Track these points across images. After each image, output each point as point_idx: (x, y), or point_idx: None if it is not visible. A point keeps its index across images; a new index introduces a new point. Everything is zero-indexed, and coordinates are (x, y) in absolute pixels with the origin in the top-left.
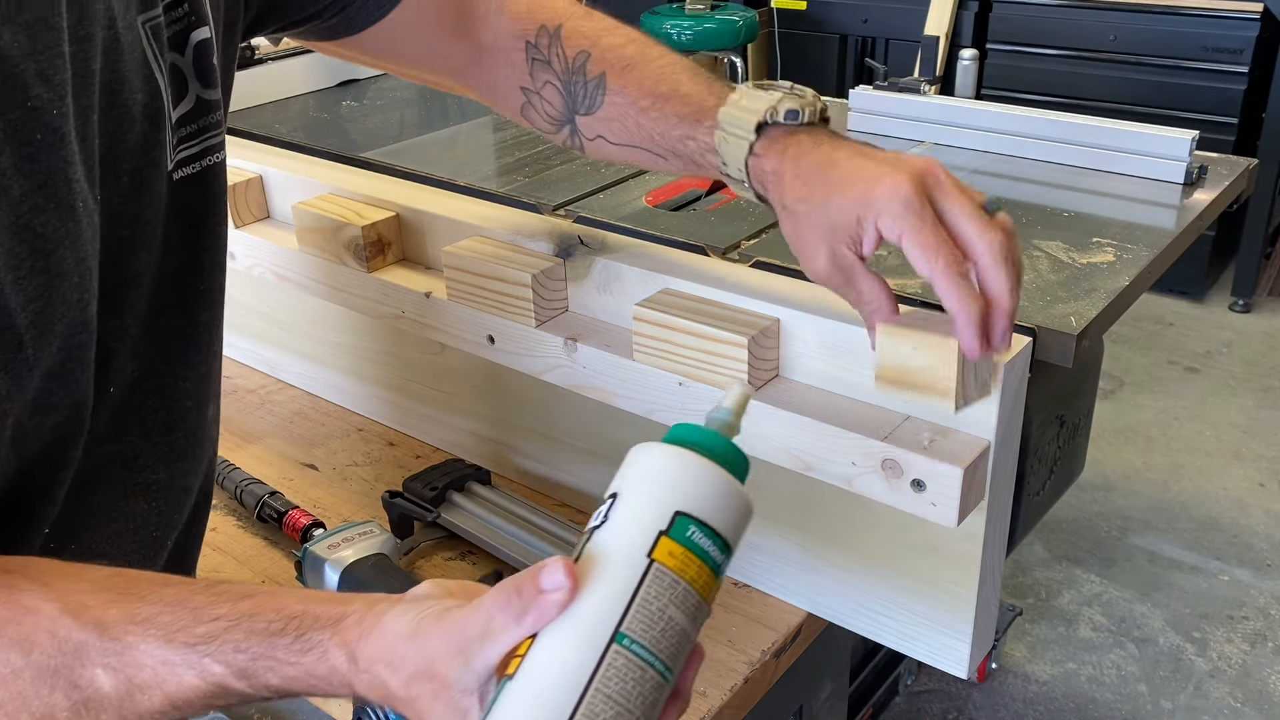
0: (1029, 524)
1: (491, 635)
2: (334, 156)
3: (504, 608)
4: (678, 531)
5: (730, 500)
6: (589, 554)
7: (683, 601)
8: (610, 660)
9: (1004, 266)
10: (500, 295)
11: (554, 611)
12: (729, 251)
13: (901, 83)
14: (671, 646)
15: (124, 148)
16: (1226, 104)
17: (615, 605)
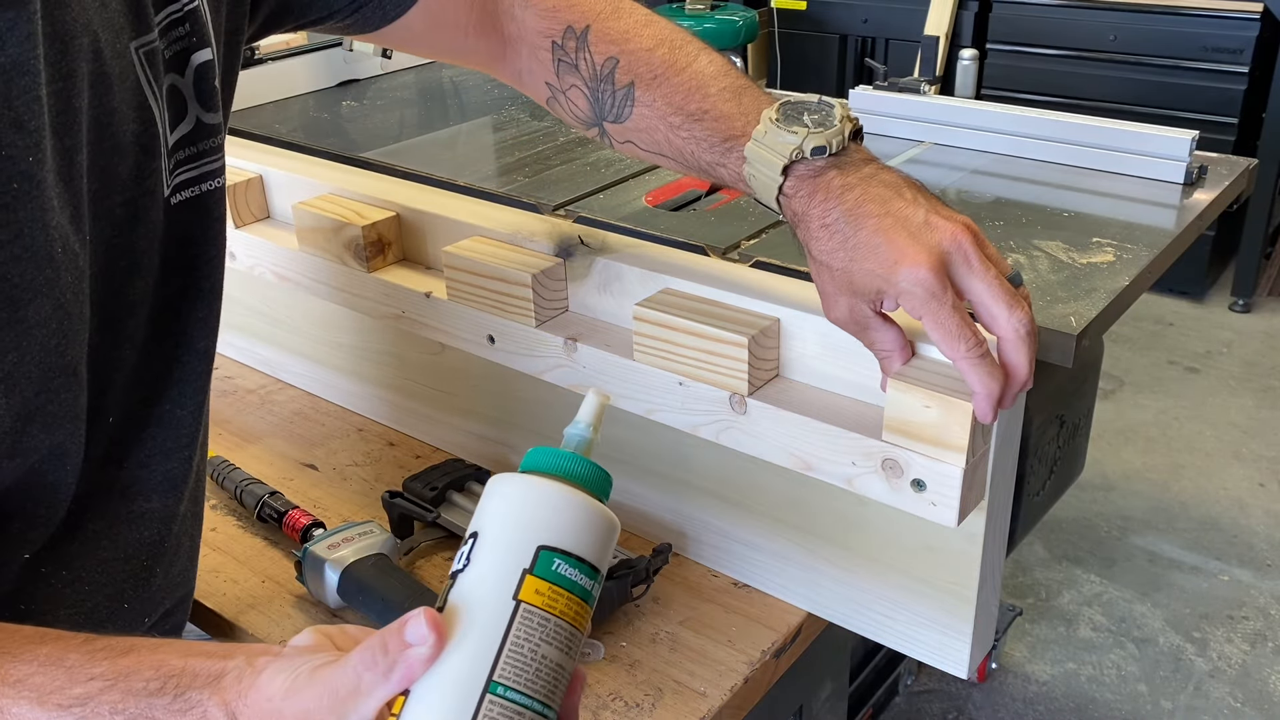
0: (1029, 524)
1: (361, 693)
2: (334, 156)
3: (370, 665)
4: (542, 567)
5: (593, 523)
6: (454, 602)
7: (554, 637)
8: (485, 712)
9: (1026, 344)
10: (500, 295)
11: (421, 667)
12: (729, 251)
13: (901, 83)
14: (548, 685)
15: (116, 180)
16: (1226, 104)
17: (485, 654)
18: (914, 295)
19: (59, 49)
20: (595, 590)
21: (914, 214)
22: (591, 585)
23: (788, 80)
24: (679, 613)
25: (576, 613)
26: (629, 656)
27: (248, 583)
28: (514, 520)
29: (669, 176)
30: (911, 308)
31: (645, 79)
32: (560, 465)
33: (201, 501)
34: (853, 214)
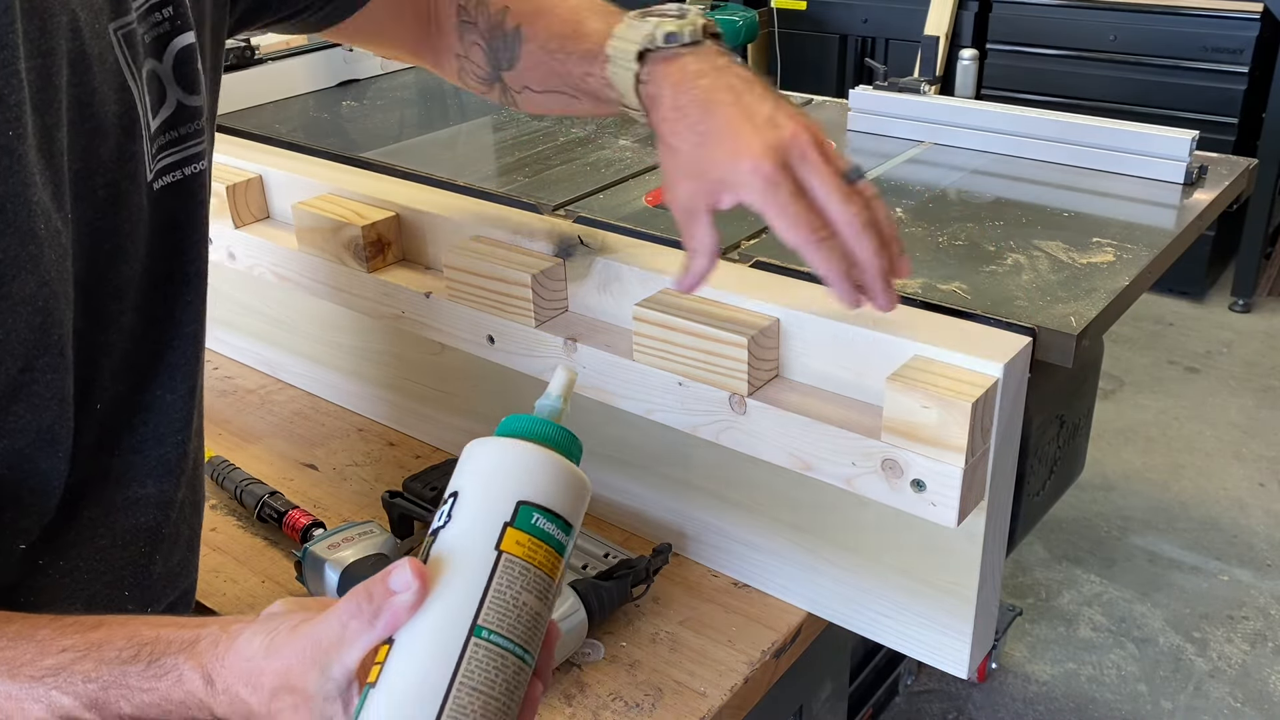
0: (1029, 524)
1: (346, 642)
2: (334, 156)
3: (355, 613)
4: (522, 520)
5: (567, 482)
6: (437, 553)
7: (534, 586)
8: (471, 654)
9: (865, 234)
10: (500, 295)
11: (405, 614)
12: (729, 251)
13: (901, 83)
14: (527, 630)
15: (98, 161)
16: (1226, 104)
17: (470, 599)
18: (753, 187)
19: (37, 25)
20: (568, 545)
21: (761, 108)
22: (565, 540)
23: (788, 80)
24: (679, 613)
25: (552, 564)
26: (629, 656)
27: (248, 583)
28: (494, 478)
29: None
30: (752, 200)
31: (529, 16)
32: (535, 429)
33: (200, 490)
34: (704, 101)
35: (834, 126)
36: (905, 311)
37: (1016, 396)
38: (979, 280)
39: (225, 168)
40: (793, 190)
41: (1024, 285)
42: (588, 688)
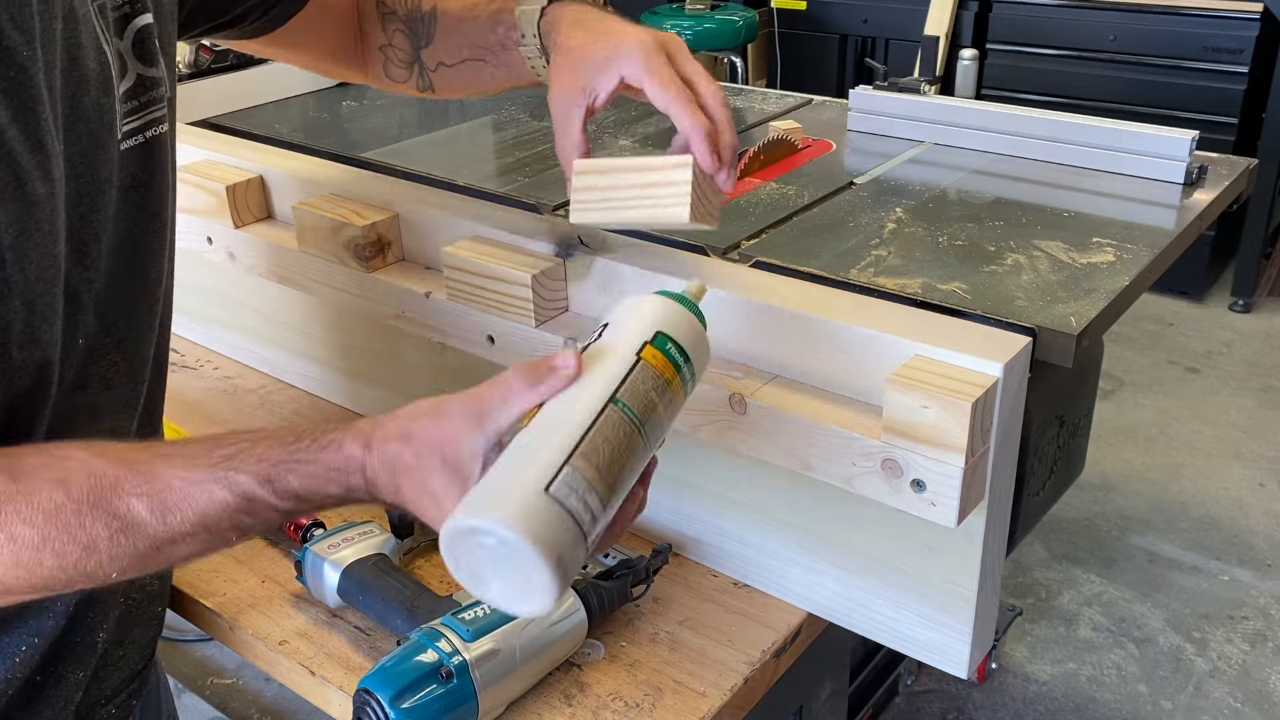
0: (1029, 524)
1: (509, 400)
2: (334, 156)
3: (521, 376)
4: (659, 342)
5: (696, 333)
6: (588, 354)
7: (661, 391)
8: (608, 414)
9: (723, 109)
10: (500, 295)
11: (562, 383)
12: (729, 251)
13: (901, 83)
14: (653, 422)
15: (82, 109)
16: (1226, 104)
17: (612, 379)
18: (635, 59)
19: None
20: (689, 378)
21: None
22: (689, 373)
23: (788, 80)
24: (679, 613)
25: (675, 385)
26: (629, 656)
27: (247, 583)
28: (640, 311)
29: None
30: (633, 73)
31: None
32: (678, 296)
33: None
34: (600, 18)
35: (834, 126)
36: (905, 311)
37: (1016, 396)
38: (979, 280)
39: (225, 168)
40: (665, 60)
41: (1024, 285)
42: (588, 688)
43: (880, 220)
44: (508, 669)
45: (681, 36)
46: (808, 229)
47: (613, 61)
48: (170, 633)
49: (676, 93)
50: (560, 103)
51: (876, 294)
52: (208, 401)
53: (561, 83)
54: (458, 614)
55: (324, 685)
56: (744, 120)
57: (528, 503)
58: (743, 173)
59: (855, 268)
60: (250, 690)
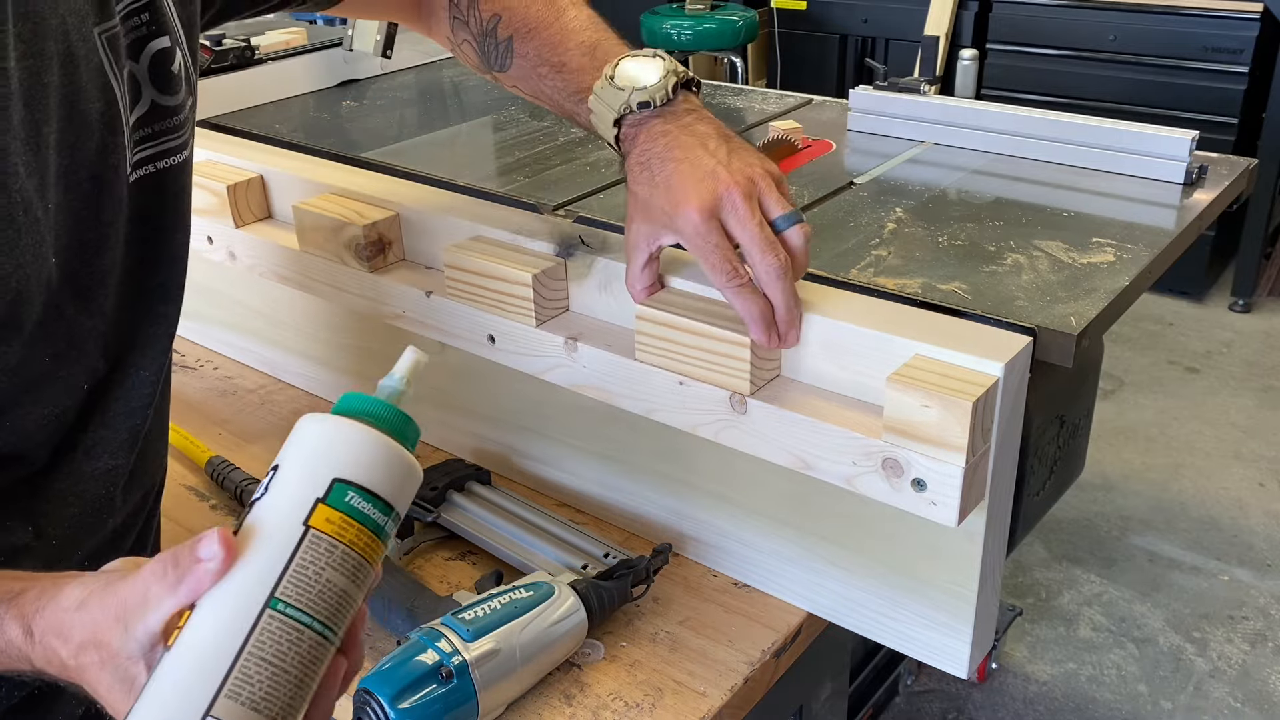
0: (1029, 524)
1: (149, 604)
2: (334, 156)
3: (160, 577)
4: (335, 498)
5: (391, 463)
6: (249, 525)
7: (341, 564)
8: (264, 625)
9: (778, 284)
10: (500, 295)
11: (209, 580)
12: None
13: (901, 83)
14: (330, 608)
15: (84, 155)
16: (1226, 104)
17: (269, 572)
18: (686, 234)
19: (30, 28)
20: (389, 527)
21: (705, 163)
22: (385, 521)
23: (788, 80)
24: (679, 613)
25: (367, 544)
26: (629, 656)
27: None
28: (313, 453)
29: None
30: (685, 244)
31: (521, 33)
32: (365, 408)
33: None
34: (661, 156)
35: (834, 126)
36: (905, 311)
37: (1017, 396)
38: (979, 280)
39: (225, 167)
40: (717, 242)
41: (1024, 285)
42: (588, 688)
43: (880, 220)
44: (508, 669)
45: (681, 36)
46: None
47: (670, 228)
48: None
49: (726, 280)
50: (630, 242)
51: (876, 294)
52: (208, 401)
53: (631, 225)
54: (458, 614)
55: None
56: (744, 120)
57: None
58: None
59: (855, 268)
60: None
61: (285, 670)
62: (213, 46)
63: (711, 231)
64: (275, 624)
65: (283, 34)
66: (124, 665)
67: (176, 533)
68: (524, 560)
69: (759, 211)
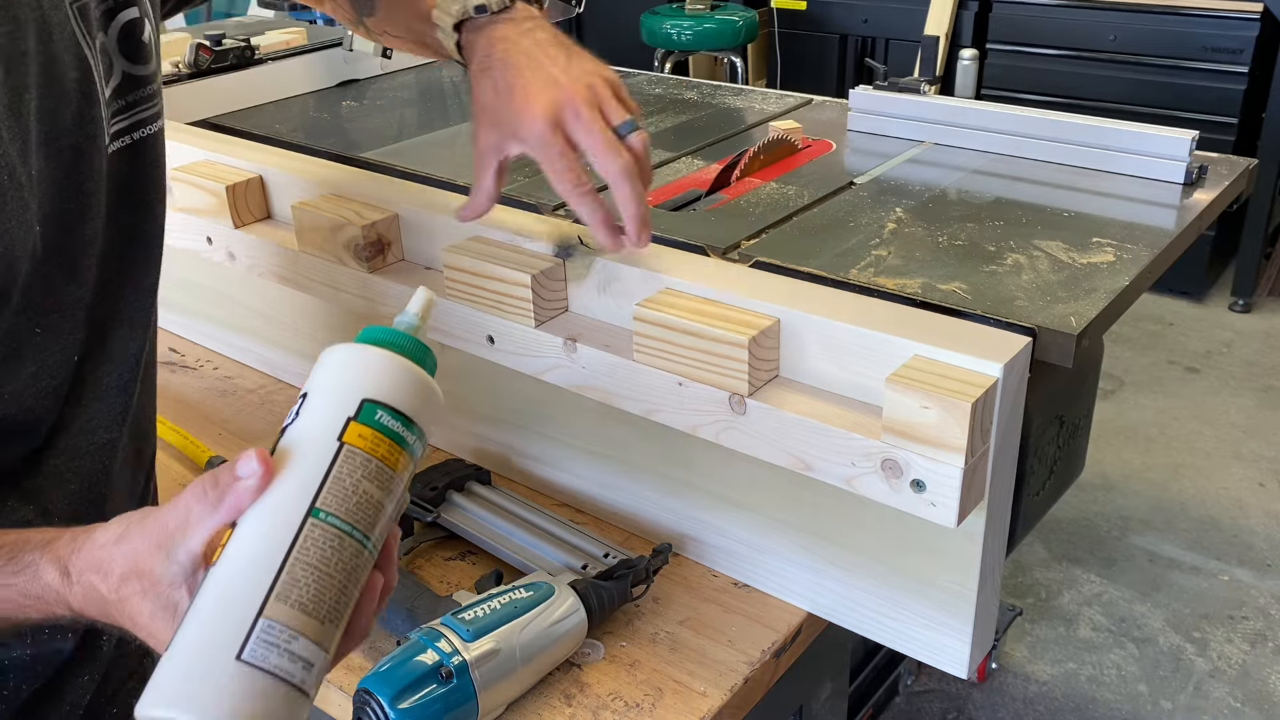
0: (1029, 524)
1: (190, 526)
2: (334, 156)
3: (200, 498)
4: (366, 416)
5: (415, 386)
6: (284, 446)
7: (375, 476)
8: (307, 532)
9: (625, 183)
10: (500, 295)
11: (249, 497)
12: (729, 251)
13: (901, 83)
14: (367, 517)
15: (63, 123)
16: (1226, 104)
17: (309, 484)
18: (530, 142)
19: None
20: (415, 444)
21: (547, 70)
22: (412, 438)
23: (788, 80)
24: (679, 613)
25: (396, 459)
26: (629, 656)
27: None
28: (342, 378)
29: (669, 177)
30: (530, 152)
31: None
32: (387, 337)
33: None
34: (502, 62)
35: (834, 126)
36: (905, 311)
37: (1016, 396)
38: (979, 280)
39: (225, 167)
40: (562, 149)
41: (1024, 285)
42: (588, 688)
43: (880, 220)
44: (508, 669)
45: (681, 36)
46: (808, 229)
47: (515, 136)
48: None
49: (571, 187)
50: (478, 152)
51: (876, 294)
52: (207, 402)
53: (479, 134)
54: (458, 614)
55: (324, 685)
56: (744, 120)
57: (217, 681)
58: (743, 173)
59: (855, 268)
60: None
61: (330, 575)
62: (213, 46)
63: (556, 139)
64: (318, 532)
65: (283, 34)
66: (166, 592)
67: None
68: (524, 560)
69: (600, 117)
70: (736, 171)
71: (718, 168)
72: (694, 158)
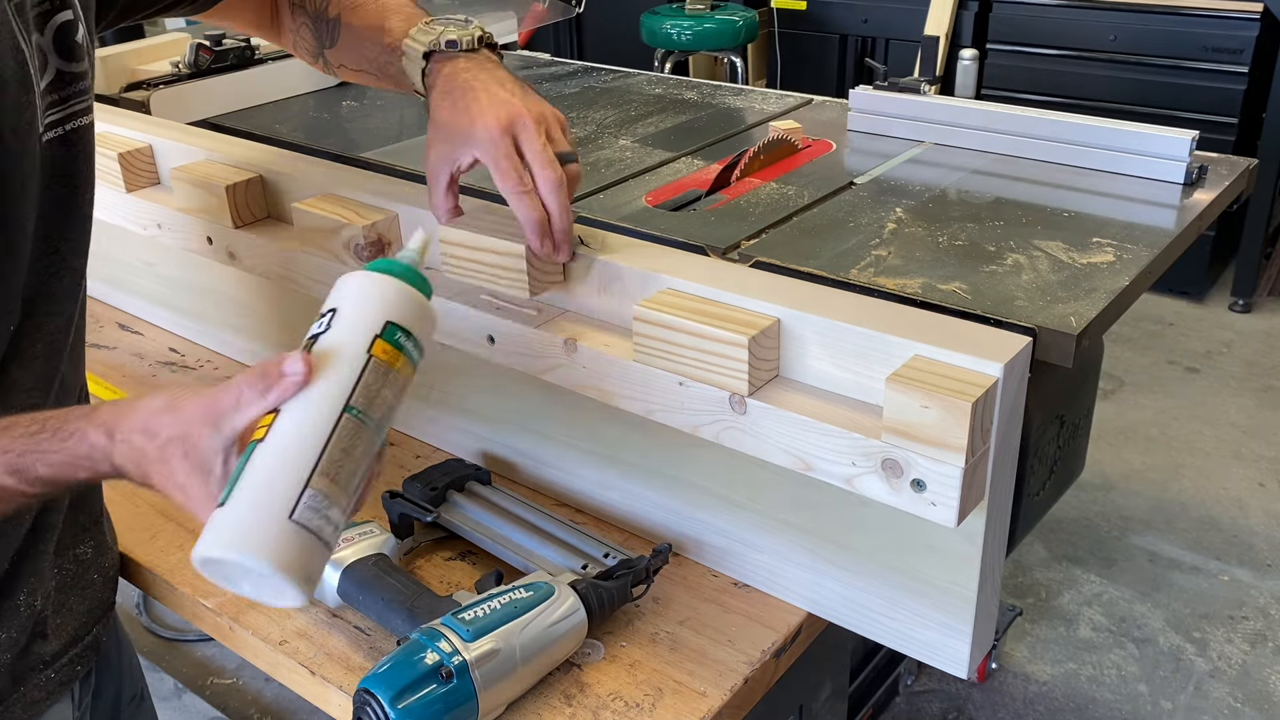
0: (1029, 524)
1: (241, 406)
2: (334, 156)
3: (252, 384)
4: (388, 335)
5: (423, 313)
6: (319, 351)
7: (392, 384)
8: (344, 424)
9: (555, 194)
10: (495, 268)
11: (293, 390)
12: (729, 251)
13: (901, 83)
14: (384, 415)
15: (3, 109)
16: (1226, 104)
17: (345, 385)
18: (482, 144)
19: None
20: (418, 359)
21: (502, 95)
22: (418, 356)
23: (788, 80)
24: (679, 613)
25: (407, 372)
26: (629, 656)
27: None
28: (369, 300)
29: (669, 177)
30: (481, 155)
31: (347, 9)
32: (401, 270)
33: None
34: (463, 88)
35: (834, 126)
36: (905, 311)
37: (1016, 396)
38: (979, 280)
39: (225, 167)
40: (508, 152)
41: (1024, 285)
42: (588, 688)
43: (880, 220)
44: (508, 669)
45: (681, 36)
46: (808, 229)
47: (468, 143)
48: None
49: (512, 187)
50: (430, 167)
51: (876, 294)
52: None
53: (431, 150)
54: (458, 614)
55: (324, 685)
56: (744, 120)
57: (274, 533)
58: (743, 173)
59: (855, 268)
60: (250, 690)
61: (356, 458)
62: (213, 47)
63: (504, 143)
64: (351, 424)
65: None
66: (207, 458)
67: (176, 532)
68: (524, 560)
69: (544, 136)
70: (736, 171)
71: (718, 168)
72: (694, 158)
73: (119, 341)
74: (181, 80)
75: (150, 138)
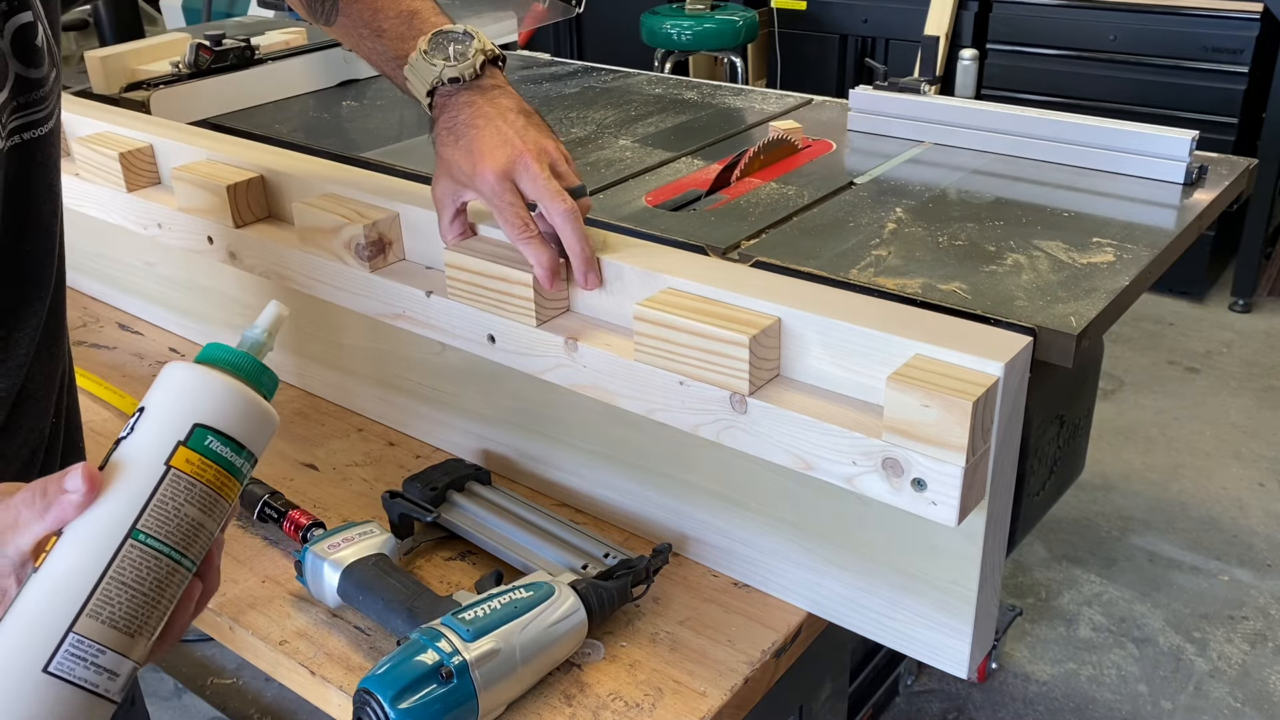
0: (1029, 524)
1: (19, 527)
2: (334, 156)
3: (29, 504)
4: (195, 441)
5: (249, 411)
6: (115, 461)
7: (200, 500)
8: (125, 553)
9: (569, 225)
10: (501, 295)
11: (73, 511)
12: (729, 251)
13: (901, 83)
14: (187, 538)
15: None
16: (1226, 104)
17: (132, 505)
18: (483, 192)
19: None
20: (245, 467)
21: (504, 131)
22: (240, 462)
23: (788, 80)
24: (679, 613)
25: (223, 483)
26: (629, 656)
27: (247, 583)
28: (177, 399)
29: (669, 177)
30: (485, 201)
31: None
32: (227, 359)
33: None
34: (466, 124)
35: (834, 126)
36: (905, 311)
37: (1017, 396)
38: (979, 280)
39: (225, 167)
40: (510, 199)
41: (1024, 285)
42: (588, 688)
43: (880, 220)
44: (508, 669)
45: (681, 36)
46: (808, 229)
47: (471, 184)
48: None
49: (516, 234)
50: (437, 199)
51: (876, 294)
52: None
53: (437, 184)
54: (458, 614)
55: (324, 685)
56: (744, 120)
57: (24, 688)
58: (743, 173)
59: (855, 268)
60: (250, 690)
61: (143, 593)
62: (213, 47)
63: (505, 190)
64: (136, 553)
65: (283, 34)
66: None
67: None
68: (524, 560)
69: (549, 170)
70: (736, 171)
71: (718, 168)
72: (694, 158)
73: (119, 341)
74: (181, 80)
75: (151, 137)
